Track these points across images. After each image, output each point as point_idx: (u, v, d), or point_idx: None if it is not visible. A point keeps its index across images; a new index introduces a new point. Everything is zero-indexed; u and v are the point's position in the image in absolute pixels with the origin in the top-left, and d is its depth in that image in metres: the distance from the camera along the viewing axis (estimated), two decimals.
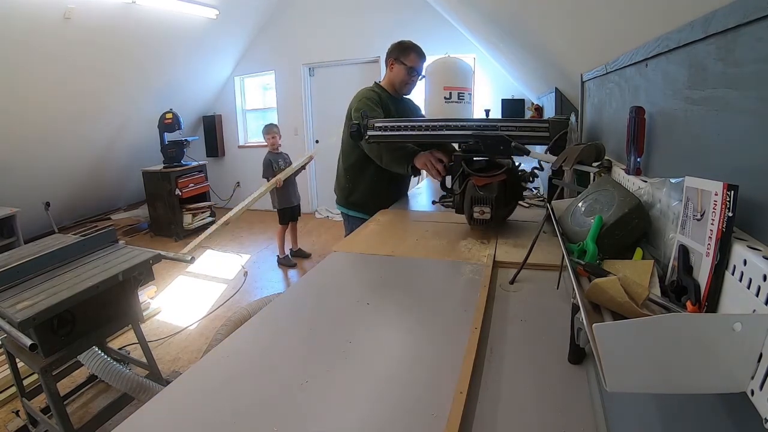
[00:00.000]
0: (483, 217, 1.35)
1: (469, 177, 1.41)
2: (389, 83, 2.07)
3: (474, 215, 1.36)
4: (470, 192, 1.38)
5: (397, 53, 2.01)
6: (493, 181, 1.36)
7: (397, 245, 1.43)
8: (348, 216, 2.12)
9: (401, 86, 2.06)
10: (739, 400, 0.38)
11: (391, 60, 2.02)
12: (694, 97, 0.64)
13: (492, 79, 4.91)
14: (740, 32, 0.49)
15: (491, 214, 1.34)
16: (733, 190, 0.43)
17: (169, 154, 5.28)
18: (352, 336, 0.88)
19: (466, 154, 1.47)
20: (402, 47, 2.02)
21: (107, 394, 2.27)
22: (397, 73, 2.02)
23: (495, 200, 1.33)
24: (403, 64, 2.00)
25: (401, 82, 2.04)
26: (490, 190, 1.36)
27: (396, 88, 2.07)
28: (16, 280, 1.67)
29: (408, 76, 2.02)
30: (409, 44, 2.03)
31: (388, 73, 2.06)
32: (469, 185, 1.40)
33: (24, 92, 3.74)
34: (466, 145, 1.49)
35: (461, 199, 1.44)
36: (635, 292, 0.52)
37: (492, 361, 0.76)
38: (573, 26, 1.46)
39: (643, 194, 0.78)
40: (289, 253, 4.44)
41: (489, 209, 1.34)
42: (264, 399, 0.70)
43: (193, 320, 3.20)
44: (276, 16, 5.68)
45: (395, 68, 2.02)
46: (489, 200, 1.34)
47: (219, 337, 2.65)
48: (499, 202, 1.34)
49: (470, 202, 1.36)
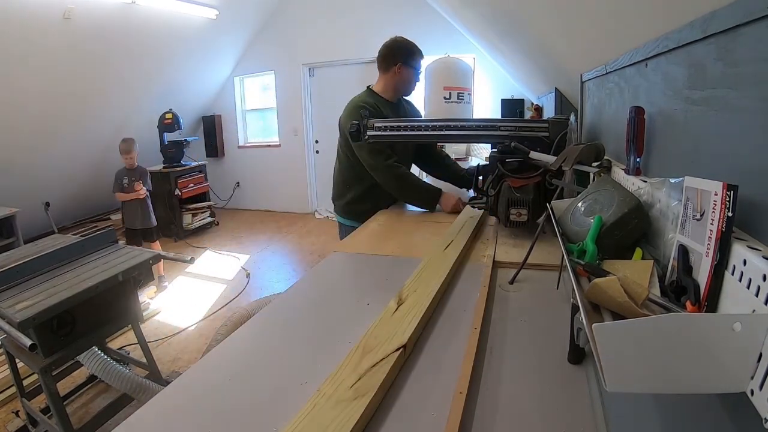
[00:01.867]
0: (520, 219, 1.33)
1: (504, 178, 1.39)
2: (391, 87, 1.97)
3: (510, 217, 1.33)
4: (506, 194, 1.35)
5: (405, 57, 1.92)
6: (530, 183, 1.35)
7: (397, 245, 1.43)
8: (344, 226, 2.05)
9: (407, 89, 2.00)
10: (739, 400, 0.38)
11: (399, 63, 1.91)
12: (694, 97, 0.64)
13: (492, 79, 4.91)
14: (740, 32, 0.49)
15: (528, 215, 1.32)
16: (732, 190, 0.43)
17: (168, 155, 5.28)
18: (353, 336, 0.88)
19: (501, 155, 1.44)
20: (409, 50, 1.94)
21: (107, 395, 2.27)
22: (407, 77, 1.94)
23: (532, 202, 1.32)
24: (412, 68, 1.94)
25: (408, 85, 1.98)
26: (526, 191, 1.33)
27: (400, 91, 2.00)
28: (16, 280, 1.67)
29: (415, 78, 1.98)
30: (413, 47, 1.96)
31: (392, 78, 1.95)
32: (505, 187, 1.37)
33: (23, 92, 3.73)
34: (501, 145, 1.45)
35: (495, 201, 1.42)
36: (635, 292, 0.52)
37: (492, 362, 0.76)
38: (573, 26, 1.46)
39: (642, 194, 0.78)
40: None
41: (526, 211, 1.32)
42: (264, 399, 0.70)
43: (192, 321, 3.20)
44: (276, 16, 5.68)
45: (404, 72, 1.93)
46: (526, 202, 1.31)
47: (218, 337, 2.64)
48: (535, 204, 1.33)
49: (506, 204, 1.34)
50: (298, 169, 6.08)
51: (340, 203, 2.04)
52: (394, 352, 0.75)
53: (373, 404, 0.65)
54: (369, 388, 0.66)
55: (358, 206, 1.97)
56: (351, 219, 2.00)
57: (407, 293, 0.98)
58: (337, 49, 5.46)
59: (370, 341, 0.78)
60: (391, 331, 0.81)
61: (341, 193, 2.03)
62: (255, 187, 6.47)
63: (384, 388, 0.68)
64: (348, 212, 2.02)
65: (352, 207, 1.99)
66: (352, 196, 1.98)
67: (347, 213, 2.02)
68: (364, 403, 0.63)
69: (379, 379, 0.68)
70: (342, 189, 2.02)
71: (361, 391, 0.65)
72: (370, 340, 0.79)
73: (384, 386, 0.68)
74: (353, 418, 0.60)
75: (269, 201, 6.46)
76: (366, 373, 0.69)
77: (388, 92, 1.97)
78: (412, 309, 0.90)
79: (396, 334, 0.80)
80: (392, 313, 0.89)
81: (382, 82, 1.98)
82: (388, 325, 0.84)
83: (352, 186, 1.98)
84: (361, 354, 0.75)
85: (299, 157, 6.04)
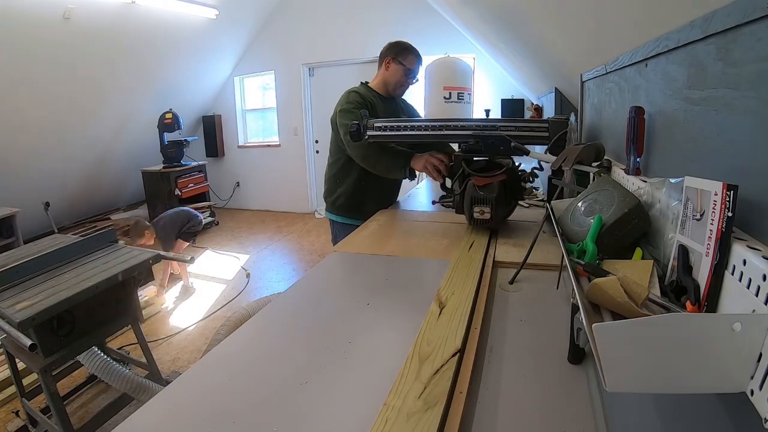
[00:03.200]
0: (483, 217, 1.35)
1: (469, 177, 1.41)
2: (382, 82, 2.01)
3: (474, 215, 1.36)
4: (470, 192, 1.37)
5: (395, 53, 1.96)
6: (494, 181, 1.36)
7: (396, 245, 1.43)
8: (334, 222, 2.06)
9: (395, 87, 2.01)
10: (739, 400, 0.38)
11: (388, 59, 1.96)
12: (694, 97, 0.64)
13: (492, 79, 4.91)
14: (740, 32, 0.49)
15: (491, 214, 1.34)
16: (732, 190, 0.43)
17: (168, 154, 5.28)
18: (352, 336, 0.88)
19: (466, 154, 1.47)
20: (400, 47, 1.97)
21: (107, 395, 2.27)
22: (394, 72, 1.97)
23: (495, 200, 1.33)
24: (401, 65, 1.95)
25: (396, 83, 1.99)
26: (490, 190, 1.35)
27: (389, 89, 2.02)
28: (16, 280, 1.67)
29: (404, 77, 1.98)
30: (408, 45, 1.99)
31: (382, 72, 2.00)
32: (469, 185, 1.39)
33: (23, 92, 3.74)
34: (466, 145, 1.48)
35: (461, 199, 1.44)
36: (635, 292, 0.52)
37: (492, 361, 0.76)
38: (573, 26, 1.46)
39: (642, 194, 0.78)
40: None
41: (489, 209, 1.34)
42: (264, 399, 0.70)
43: (192, 321, 3.20)
44: (276, 16, 5.68)
45: (392, 67, 1.96)
46: (489, 200, 1.34)
47: (219, 337, 2.64)
48: (499, 202, 1.34)
49: (470, 202, 1.36)
50: (298, 169, 6.09)
51: (331, 199, 2.05)
52: (452, 357, 0.73)
53: (446, 413, 0.62)
54: (438, 397, 0.64)
55: (348, 201, 1.99)
56: (342, 215, 2.01)
57: (446, 296, 0.96)
58: (337, 49, 5.46)
59: (423, 348, 0.76)
60: (442, 336, 0.80)
61: (331, 188, 2.05)
62: (255, 187, 6.47)
63: (451, 394, 0.66)
64: (338, 208, 2.02)
65: (343, 202, 2.00)
66: (342, 191, 1.99)
67: (338, 209, 2.03)
68: (438, 412, 0.61)
69: (446, 387, 0.65)
70: (332, 184, 2.04)
71: (431, 401, 0.63)
72: (423, 347, 0.77)
73: (451, 393, 0.66)
74: (431, 429, 0.58)
75: (269, 201, 6.46)
76: (430, 381, 0.67)
77: (380, 87, 2.02)
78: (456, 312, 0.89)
79: (448, 339, 0.78)
80: (437, 318, 0.87)
81: (376, 78, 2.04)
82: (436, 329, 0.82)
83: (342, 180, 1.99)
84: (419, 362, 0.72)
85: (299, 157, 6.05)
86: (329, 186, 2.06)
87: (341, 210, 2.02)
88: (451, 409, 0.62)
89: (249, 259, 4.50)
